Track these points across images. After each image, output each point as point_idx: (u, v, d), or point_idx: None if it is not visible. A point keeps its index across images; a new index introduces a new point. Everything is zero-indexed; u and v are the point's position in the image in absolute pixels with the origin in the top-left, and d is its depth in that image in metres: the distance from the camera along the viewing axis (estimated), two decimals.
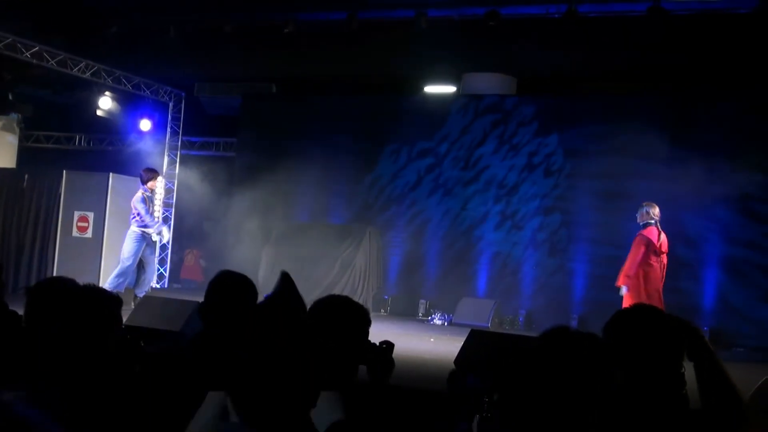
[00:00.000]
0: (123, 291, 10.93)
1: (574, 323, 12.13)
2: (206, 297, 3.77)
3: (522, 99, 13.64)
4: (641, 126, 12.24)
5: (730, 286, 11.80)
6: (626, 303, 9.46)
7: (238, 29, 13.36)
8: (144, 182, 11.54)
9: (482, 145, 13.66)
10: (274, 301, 3.53)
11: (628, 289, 9.58)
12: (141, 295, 10.97)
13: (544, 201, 13.17)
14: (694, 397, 2.53)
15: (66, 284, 3.62)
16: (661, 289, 9.69)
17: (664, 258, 9.73)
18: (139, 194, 11.45)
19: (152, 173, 11.77)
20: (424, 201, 14.02)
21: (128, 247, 11.30)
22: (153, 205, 11.75)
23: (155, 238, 11.59)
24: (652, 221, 9.64)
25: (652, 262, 9.60)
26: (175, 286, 15.88)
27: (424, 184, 14.04)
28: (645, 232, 9.65)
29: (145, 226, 11.31)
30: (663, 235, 9.70)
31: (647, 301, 9.27)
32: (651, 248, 9.59)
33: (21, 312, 3.73)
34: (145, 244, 11.34)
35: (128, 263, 11.24)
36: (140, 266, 11.44)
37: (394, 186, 14.28)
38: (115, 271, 11.37)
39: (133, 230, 11.32)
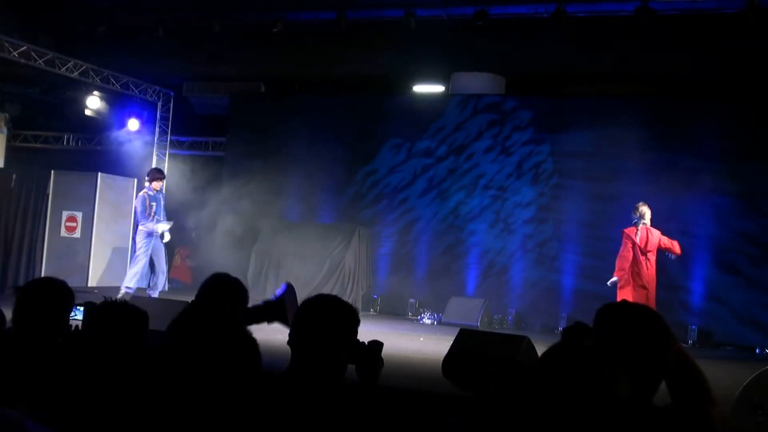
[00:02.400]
0: (134, 290, 11.15)
1: (562, 322, 12.18)
2: (197, 297, 3.75)
3: (518, 102, 13.52)
4: (631, 128, 12.32)
5: (719, 285, 11.85)
6: (619, 297, 9.70)
7: (227, 29, 13.36)
8: (148, 182, 11.69)
9: (476, 145, 13.62)
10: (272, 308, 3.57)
11: (621, 283, 9.87)
12: (154, 296, 11.10)
13: (535, 202, 13.19)
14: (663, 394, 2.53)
15: (61, 286, 3.62)
16: (650, 286, 9.83)
17: (651, 256, 9.88)
18: (141, 193, 11.66)
19: (156, 173, 11.87)
20: (415, 199, 14.01)
21: (138, 245, 11.52)
22: (158, 205, 11.63)
23: (166, 237, 11.73)
24: (635, 220, 9.89)
25: (639, 260, 9.80)
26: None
27: (417, 183, 14.01)
28: (627, 229, 9.98)
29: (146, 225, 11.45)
30: (651, 234, 9.88)
31: (636, 295, 9.61)
32: (635, 245, 9.82)
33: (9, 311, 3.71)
34: (152, 243, 11.44)
35: (141, 261, 11.37)
36: (152, 267, 11.60)
37: (387, 182, 14.24)
38: (131, 270, 11.49)
39: (139, 229, 11.53)
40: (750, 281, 11.70)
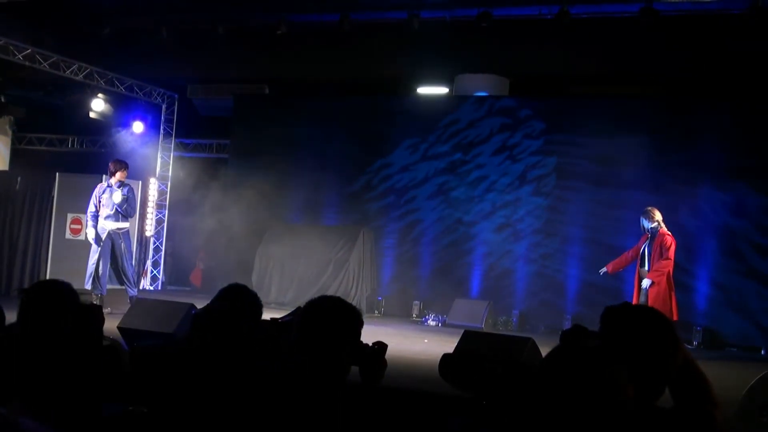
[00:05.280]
0: (100, 295, 10.61)
1: (567, 323, 12.15)
2: (214, 302, 3.76)
3: (526, 103, 13.50)
4: (637, 129, 12.34)
5: (725, 286, 11.82)
6: (653, 298, 9.49)
7: (231, 31, 13.35)
8: (110, 174, 10.97)
9: (485, 147, 13.57)
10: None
11: (657, 286, 9.60)
12: (133, 293, 10.81)
13: (538, 203, 13.17)
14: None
15: (65, 289, 3.64)
16: None
17: None
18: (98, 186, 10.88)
19: (118, 164, 11.03)
20: (421, 201, 13.98)
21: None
22: (109, 198, 10.88)
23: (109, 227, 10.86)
24: (655, 224, 9.70)
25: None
26: (169, 288, 15.85)
27: (426, 184, 13.97)
28: (667, 233, 9.69)
29: (95, 220, 10.75)
30: None
31: (669, 300, 9.48)
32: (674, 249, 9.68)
33: (14, 313, 3.72)
34: (109, 245, 10.75)
35: (89, 262, 10.66)
36: (115, 266, 10.83)
37: (394, 181, 14.21)
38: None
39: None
40: (756, 282, 11.67)
